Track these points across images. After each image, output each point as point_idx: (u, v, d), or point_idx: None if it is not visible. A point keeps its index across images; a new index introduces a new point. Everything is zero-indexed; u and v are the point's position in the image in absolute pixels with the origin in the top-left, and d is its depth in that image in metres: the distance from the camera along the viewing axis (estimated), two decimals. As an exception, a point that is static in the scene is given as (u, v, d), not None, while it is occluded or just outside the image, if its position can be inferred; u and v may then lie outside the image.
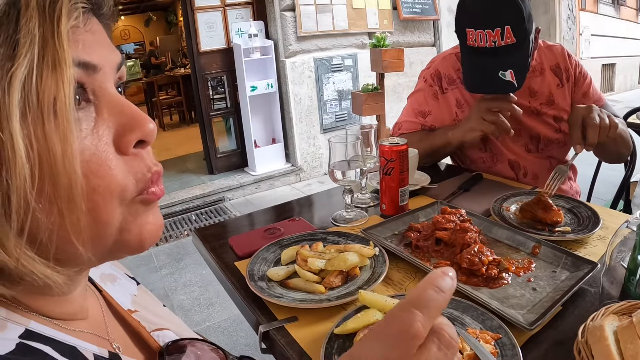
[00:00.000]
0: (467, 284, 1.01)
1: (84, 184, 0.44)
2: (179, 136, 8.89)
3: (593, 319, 0.72)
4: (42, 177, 0.41)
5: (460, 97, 1.85)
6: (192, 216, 5.00)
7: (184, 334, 0.74)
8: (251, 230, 1.45)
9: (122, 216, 0.49)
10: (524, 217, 1.29)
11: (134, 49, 14.02)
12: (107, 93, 0.48)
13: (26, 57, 0.40)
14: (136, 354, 0.63)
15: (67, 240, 0.45)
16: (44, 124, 0.41)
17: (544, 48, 1.79)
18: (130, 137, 0.49)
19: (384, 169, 1.39)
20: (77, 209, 0.43)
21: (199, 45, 5.31)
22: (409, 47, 5.57)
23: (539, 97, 1.76)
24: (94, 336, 0.56)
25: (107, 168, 0.46)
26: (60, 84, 0.41)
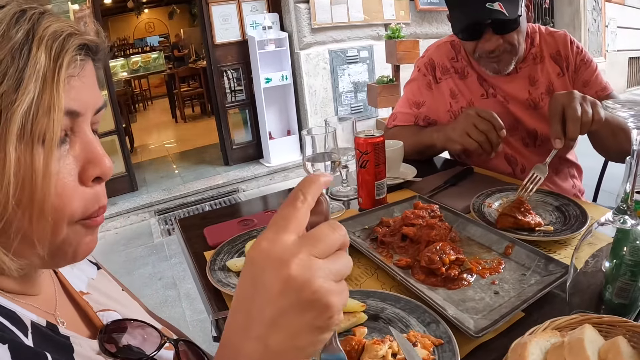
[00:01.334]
0: (424, 283, 0.94)
1: (52, 202, 0.52)
2: (199, 128, 8.93)
3: (531, 334, 0.65)
4: (23, 190, 0.50)
5: (455, 88, 1.78)
6: (205, 207, 5.02)
7: (133, 316, 0.77)
8: (225, 222, 1.42)
9: (67, 233, 0.57)
10: (504, 224, 1.17)
11: (159, 42, 14.13)
12: (83, 133, 0.57)
13: (27, 96, 0.49)
14: (82, 331, 0.69)
15: (30, 240, 0.54)
16: (33, 150, 0.50)
17: (545, 35, 1.69)
18: (92, 172, 0.57)
19: (359, 161, 1.33)
20: (44, 219, 0.53)
21: (214, 38, 5.30)
22: (426, 39, 5.44)
23: (539, 86, 1.67)
24: (39, 309, 0.63)
25: (69, 193, 0.55)
26: (50, 125, 0.50)
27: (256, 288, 0.45)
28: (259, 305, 0.44)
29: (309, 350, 0.46)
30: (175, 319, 3.11)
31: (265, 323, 0.44)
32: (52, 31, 0.52)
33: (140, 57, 11.87)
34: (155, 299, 3.38)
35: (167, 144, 8.18)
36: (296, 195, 0.47)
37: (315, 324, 0.44)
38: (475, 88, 1.74)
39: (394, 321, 0.84)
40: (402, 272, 0.98)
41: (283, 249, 0.44)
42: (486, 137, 1.44)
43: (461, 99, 1.77)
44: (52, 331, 0.60)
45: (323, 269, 0.44)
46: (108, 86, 4.98)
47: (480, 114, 1.47)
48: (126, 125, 7.34)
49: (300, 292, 0.43)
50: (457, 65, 1.78)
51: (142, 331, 0.73)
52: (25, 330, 0.56)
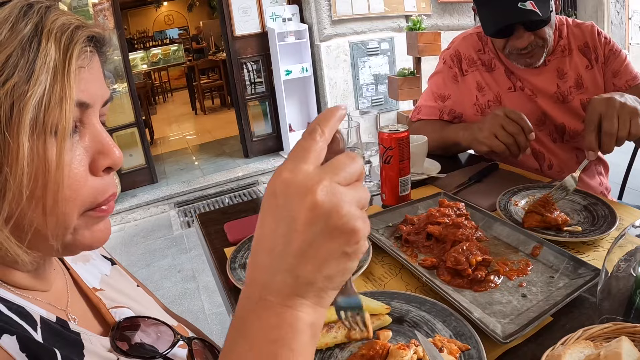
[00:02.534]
0: (450, 285, 0.92)
1: (64, 193, 0.53)
2: (219, 119, 8.95)
3: (564, 344, 0.62)
4: (36, 181, 0.51)
5: (481, 80, 1.73)
6: (225, 199, 5.03)
7: (148, 313, 0.77)
8: (246, 217, 1.40)
9: (76, 223, 0.57)
10: (531, 223, 1.14)
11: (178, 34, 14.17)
12: (92, 124, 0.58)
13: (39, 87, 0.49)
14: (94, 326, 0.69)
15: (43, 232, 0.54)
16: (46, 141, 0.51)
17: (572, 27, 1.65)
18: (102, 162, 0.58)
19: (383, 157, 1.30)
20: (58, 211, 0.53)
21: (233, 30, 5.29)
22: (447, 31, 5.37)
23: (568, 80, 1.62)
24: (49, 305, 0.63)
25: (79, 184, 0.55)
26: (63, 115, 0.51)
27: (280, 220, 0.44)
28: (285, 237, 0.44)
29: (338, 280, 0.46)
30: (194, 311, 3.12)
31: (293, 254, 0.44)
32: (60, 24, 0.53)
33: (159, 49, 11.94)
34: (174, 291, 3.40)
35: (187, 136, 8.22)
36: (314, 128, 0.47)
37: (343, 250, 0.44)
38: (503, 81, 1.70)
39: (419, 324, 0.81)
40: (427, 272, 0.96)
41: (306, 177, 0.44)
42: (514, 139, 1.40)
43: (488, 92, 1.73)
44: (62, 327, 0.60)
45: (347, 194, 0.44)
46: (127, 78, 4.99)
47: (509, 115, 1.42)
48: (146, 117, 7.40)
49: (328, 218, 0.43)
50: (484, 58, 1.73)
51: (156, 329, 0.73)
52: (34, 325, 0.56)
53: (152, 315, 0.77)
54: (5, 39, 0.50)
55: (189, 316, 3.03)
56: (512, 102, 1.68)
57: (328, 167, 0.45)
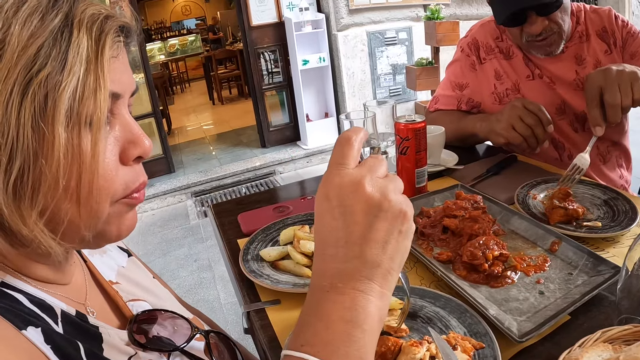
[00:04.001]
0: (465, 280, 0.90)
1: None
2: (236, 109, 8.95)
3: (581, 346, 0.59)
4: (72, 171, 0.51)
5: (499, 68, 1.70)
6: (242, 189, 5.04)
7: (164, 306, 0.78)
8: (261, 207, 1.39)
9: (109, 212, 0.57)
10: (556, 219, 1.10)
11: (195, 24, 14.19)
12: (122, 114, 0.58)
13: (73, 77, 0.49)
14: (112, 320, 0.69)
15: (76, 223, 0.54)
16: (81, 131, 0.50)
17: (589, 12, 1.61)
18: (133, 152, 0.58)
19: (399, 147, 1.28)
20: (93, 200, 0.53)
21: (250, 20, 5.27)
22: (466, 20, 5.26)
23: (587, 66, 1.58)
24: (68, 299, 0.63)
25: (111, 174, 0.55)
26: (97, 105, 0.51)
27: (339, 217, 0.51)
28: (349, 229, 0.51)
29: (398, 259, 0.53)
30: (210, 301, 3.14)
31: (359, 241, 0.51)
32: (90, 14, 0.52)
33: (177, 40, 11.95)
34: (190, 281, 3.41)
35: (204, 126, 8.24)
36: (349, 136, 0.54)
37: (398, 229, 0.52)
38: (521, 69, 1.66)
39: (433, 320, 0.80)
40: (442, 267, 0.94)
41: (352, 176, 0.52)
42: (532, 131, 1.38)
43: (506, 80, 1.69)
44: (82, 320, 0.60)
45: (388, 184, 0.52)
46: (145, 69, 5.02)
47: (527, 106, 1.39)
48: (163, 107, 7.43)
49: (380, 205, 0.51)
50: (502, 45, 1.70)
51: (172, 321, 0.74)
52: (56, 318, 0.57)
53: (168, 307, 0.78)
54: (36, 29, 0.49)
55: (204, 306, 3.05)
56: (531, 90, 1.64)
57: (365, 166, 0.53)
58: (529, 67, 1.65)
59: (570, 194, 1.13)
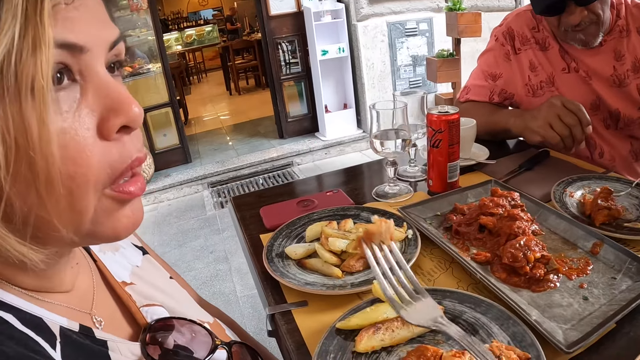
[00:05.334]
0: (505, 283, 0.84)
1: (60, 169, 0.43)
2: (253, 100, 8.93)
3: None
4: (19, 160, 0.41)
5: (534, 59, 1.64)
6: (259, 179, 5.02)
7: (185, 312, 0.72)
8: (284, 201, 1.35)
9: (94, 209, 0.47)
10: (601, 219, 1.03)
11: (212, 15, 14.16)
12: (95, 74, 0.47)
13: (6, 35, 0.38)
14: (123, 329, 0.63)
15: (48, 221, 0.45)
16: (21, 104, 0.40)
17: (631, 7, 1.54)
18: (114, 121, 0.47)
19: (431, 140, 1.23)
20: (56, 191, 0.43)
21: (268, 9, 5.22)
22: (488, 12, 5.15)
23: (625, 62, 1.52)
24: (71, 310, 0.56)
25: (85, 155, 0.45)
26: (39, 65, 0.40)
27: None
28: None
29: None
30: (226, 293, 3.12)
31: None
32: None
33: (194, 30, 11.95)
34: (206, 272, 3.40)
35: (221, 116, 8.23)
36: None
37: None
38: (557, 61, 1.60)
39: (474, 328, 0.75)
40: (481, 268, 0.89)
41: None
42: (570, 131, 1.32)
43: (541, 72, 1.64)
44: (87, 336, 0.54)
45: None
46: (162, 59, 5.01)
47: (566, 105, 1.34)
48: (180, 97, 7.42)
49: None
50: (538, 36, 1.64)
51: (191, 328, 0.68)
52: (53, 341, 0.49)
53: (186, 311, 0.73)
54: None
55: (220, 298, 3.03)
56: (566, 84, 1.59)
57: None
58: (565, 60, 1.59)
59: (611, 192, 1.08)
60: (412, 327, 0.73)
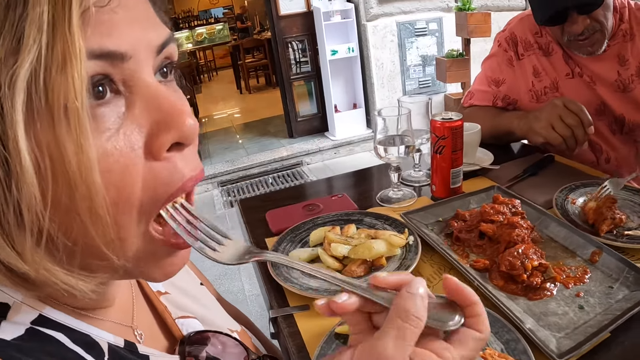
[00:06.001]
0: (503, 291, 0.86)
1: (106, 196, 0.38)
2: (263, 99, 8.95)
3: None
4: (57, 190, 0.36)
5: (538, 65, 1.64)
6: (269, 179, 5.04)
7: (215, 320, 0.73)
8: (290, 205, 1.37)
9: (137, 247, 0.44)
10: (604, 229, 1.03)
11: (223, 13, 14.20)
12: (142, 83, 0.41)
13: (31, 52, 0.33)
14: (160, 341, 0.62)
15: (97, 250, 0.40)
16: (55, 128, 0.35)
17: (635, 10, 1.53)
18: (165, 138, 0.41)
19: (434, 146, 1.24)
20: (102, 221, 0.39)
21: (278, 9, 5.25)
22: (498, 12, 5.14)
23: (629, 67, 1.51)
24: (115, 324, 0.55)
25: (130, 178, 0.40)
26: (70, 82, 0.34)
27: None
28: None
29: None
30: (234, 292, 3.15)
31: None
32: None
33: (204, 28, 12.00)
34: (215, 271, 3.43)
35: (231, 115, 8.26)
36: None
37: None
38: (561, 66, 1.60)
39: (470, 334, 0.76)
40: (479, 276, 0.90)
41: None
42: (572, 132, 1.34)
43: (545, 77, 1.63)
44: (131, 352, 0.53)
45: None
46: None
47: (568, 105, 1.35)
48: (191, 96, 7.45)
49: None
50: (541, 41, 1.63)
51: (221, 339, 0.69)
52: (102, 357, 0.48)
53: (216, 320, 0.74)
54: None
55: (229, 297, 3.06)
56: (570, 89, 1.59)
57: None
58: (569, 65, 1.59)
59: (615, 201, 1.08)
60: None
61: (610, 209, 1.06)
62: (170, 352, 0.62)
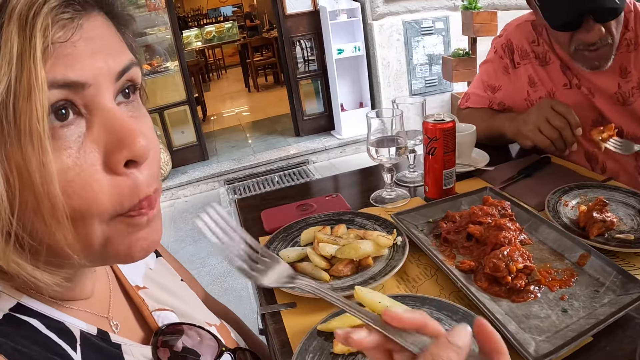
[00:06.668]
0: (486, 292, 0.86)
1: (65, 204, 0.44)
2: (271, 97, 8.97)
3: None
4: (23, 199, 0.43)
5: (534, 75, 1.59)
6: (275, 177, 5.06)
7: (192, 314, 0.76)
8: (284, 205, 1.38)
9: (107, 232, 0.49)
10: (595, 232, 1.02)
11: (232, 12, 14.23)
12: (101, 107, 0.47)
13: (2, 83, 0.39)
14: (136, 332, 0.66)
15: (59, 250, 0.46)
16: (22, 147, 0.41)
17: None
18: (118, 156, 0.47)
19: (426, 148, 1.24)
20: (62, 225, 0.44)
21: (284, 8, 5.26)
22: (504, 10, 5.10)
23: (631, 79, 1.43)
24: (90, 314, 0.59)
25: (92, 191, 0.46)
26: (34, 109, 0.40)
27: None
28: None
29: None
30: (238, 290, 3.16)
31: None
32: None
33: (213, 27, 12.03)
34: (219, 268, 3.45)
35: (239, 113, 8.29)
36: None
37: None
38: (557, 77, 1.54)
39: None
40: (463, 277, 0.90)
41: None
42: (560, 134, 1.32)
43: (540, 87, 1.59)
44: (104, 340, 0.57)
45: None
46: (179, 57, 5.08)
47: (555, 107, 1.34)
48: (199, 94, 7.49)
49: None
50: (538, 50, 1.57)
51: (198, 332, 0.72)
52: (74, 343, 0.53)
53: (195, 314, 0.77)
54: None
55: (232, 294, 3.08)
56: (567, 100, 1.49)
57: None
58: (567, 76, 1.53)
59: (606, 204, 1.07)
60: None
61: (601, 212, 1.05)
62: (145, 343, 0.64)
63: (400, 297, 0.84)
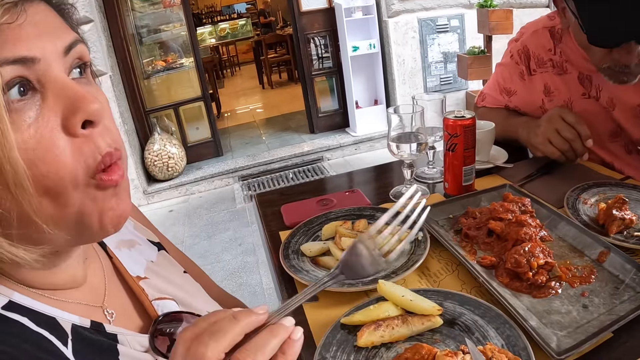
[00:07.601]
0: (507, 288, 0.87)
1: (28, 171, 0.47)
2: (286, 94, 8.98)
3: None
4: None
5: (550, 84, 1.55)
6: (289, 174, 5.08)
7: (194, 304, 0.77)
8: (304, 200, 1.40)
9: (79, 200, 0.51)
10: (614, 230, 1.02)
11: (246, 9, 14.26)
12: (52, 79, 0.50)
13: None
14: (134, 321, 0.67)
15: (30, 221, 0.49)
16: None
17: None
18: (75, 119, 0.50)
19: (447, 144, 1.25)
20: (27, 192, 0.47)
21: (299, 5, 5.26)
22: (520, 8, 5.07)
23: None
24: (83, 306, 0.60)
25: (54, 154, 0.49)
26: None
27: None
28: None
29: None
30: (252, 285, 3.19)
31: None
32: None
33: (227, 24, 12.08)
34: (233, 264, 3.47)
35: (253, 110, 8.31)
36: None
37: None
38: (575, 87, 1.49)
39: (471, 329, 0.78)
40: (485, 272, 0.91)
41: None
42: (570, 145, 1.32)
43: (557, 97, 1.54)
44: (98, 332, 0.58)
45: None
46: (194, 53, 5.11)
47: (565, 118, 1.32)
48: (213, 91, 7.52)
49: None
50: (555, 59, 1.53)
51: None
52: (65, 339, 0.54)
53: (197, 304, 0.77)
54: None
55: (246, 290, 3.10)
56: (584, 110, 1.46)
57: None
58: (584, 87, 1.48)
59: (626, 202, 1.08)
60: (411, 326, 0.77)
61: (620, 209, 1.05)
62: (144, 332, 0.65)
63: (422, 291, 0.85)
